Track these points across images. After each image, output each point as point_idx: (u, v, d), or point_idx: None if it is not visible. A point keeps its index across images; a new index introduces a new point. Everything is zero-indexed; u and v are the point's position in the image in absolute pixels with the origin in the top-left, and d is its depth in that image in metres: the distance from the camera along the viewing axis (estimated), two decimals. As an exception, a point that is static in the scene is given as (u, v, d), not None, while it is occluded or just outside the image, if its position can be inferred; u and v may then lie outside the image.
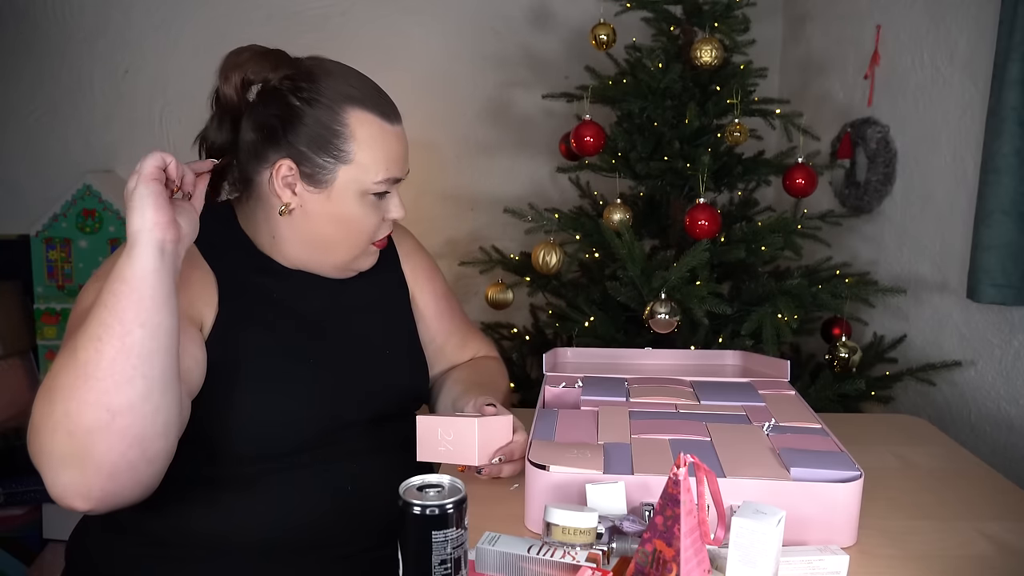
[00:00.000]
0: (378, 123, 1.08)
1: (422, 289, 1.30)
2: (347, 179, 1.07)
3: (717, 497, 0.84)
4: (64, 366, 0.87)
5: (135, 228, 0.89)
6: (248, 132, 1.08)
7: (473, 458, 1.02)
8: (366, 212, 1.10)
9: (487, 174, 2.79)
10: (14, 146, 2.62)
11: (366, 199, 1.09)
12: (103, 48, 2.61)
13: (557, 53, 2.73)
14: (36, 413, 0.88)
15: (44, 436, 0.87)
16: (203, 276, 1.06)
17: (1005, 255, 1.60)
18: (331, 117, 1.06)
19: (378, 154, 1.08)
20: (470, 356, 1.38)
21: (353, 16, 2.68)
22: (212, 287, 1.06)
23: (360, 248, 1.13)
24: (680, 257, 1.79)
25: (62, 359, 0.88)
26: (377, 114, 1.08)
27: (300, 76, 1.06)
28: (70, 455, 0.86)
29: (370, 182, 1.08)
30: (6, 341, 2.40)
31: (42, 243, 2.43)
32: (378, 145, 1.08)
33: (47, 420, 0.86)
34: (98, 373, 0.85)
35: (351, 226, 1.10)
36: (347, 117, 1.06)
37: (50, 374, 0.89)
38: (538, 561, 0.85)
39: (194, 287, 1.03)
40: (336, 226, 1.10)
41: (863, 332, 2.14)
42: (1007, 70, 1.57)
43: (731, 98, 1.92)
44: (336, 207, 1.08)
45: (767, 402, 1.26)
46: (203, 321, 1.03)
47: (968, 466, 1.26)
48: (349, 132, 1.06)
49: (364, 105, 1.07)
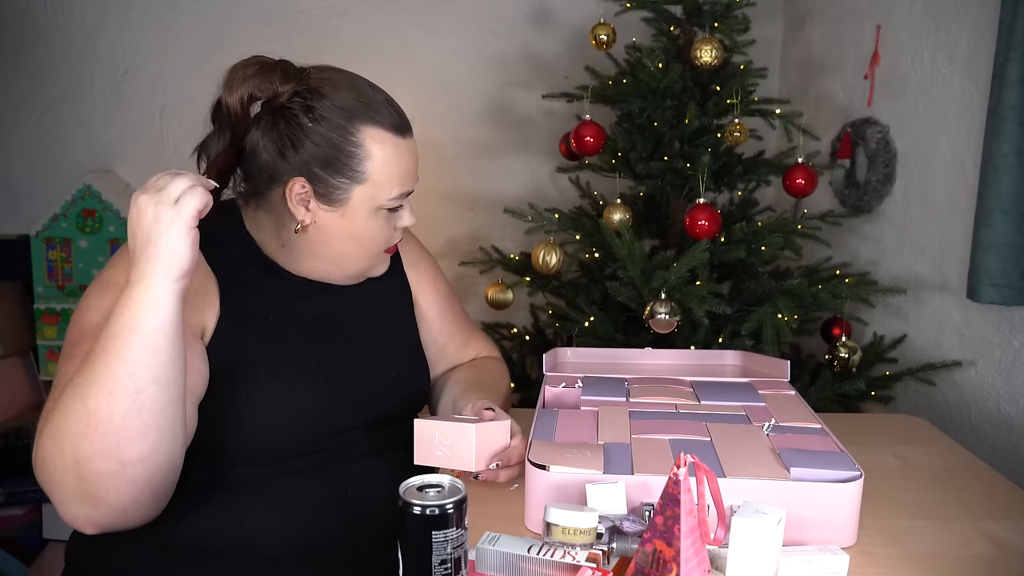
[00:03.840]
0: (392, 139, 1.05)
1: (425, 291, 1.30)
2: (362, 198, 1.06)
3: (717, 497, 0.84)
4: (73, 409, 0.85)
5: (160, 273, 0.84)
6: (259, 150, 1.05)
7: (470, 464, 1.02)
8: (380, 225, 1.09)
9: (487, 174, 2.79)
10: (14, 146, 2.63)
11: (380, 213, 1.08)
12: (103, 48, 2.61)
13: (557, 53, 2.73)
14: (45, 449, 0.87)
15: (54, 474, 0.87)
16: (204, 281, 1.04)
17: (1005, 255, 1.60)
18: (344, 137, 1.03)
19: (393, 171, 1.06)
20: (472, 356, 1.38)
21: (353, 16, 2.68)
22: (213, 291, 1.05)
23: (374, 259, 1.13)
24: (680, 257, 1.79)
25: (71, 400, 0.85)
26: (390, 129, 1.05)
27: (308, 92, 1.03)
28: (81, 494, 0.87)
29: (384, 199, 1.07)
30: (6, 341, 2.41)
31: (42, 243, 2.43)
32: (392, 162, 1.06)
33: (56, 460, 0.86)
34: (109, 427, 0.84)
35: (366, 241, 1.10)
36: (360, 136, 1.03)
37: (58, 412, 0.86)
38: (538, 561, 0.85)
39: (196, 295, 1.02)
40: (351, 242, 1.09)
41: (863, 332, 2.14)
42: (1007, 70, 1.57)
43: (731, 98, 1.92)
44: (350, 224, 1.07)
45: (767, 402, 1.26)
46: (205, 326, 1.03)
47: (968, 466, 1.26)
48: (364, 152, 1.03)
49: (375, 121, 1.04)
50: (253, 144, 1.05)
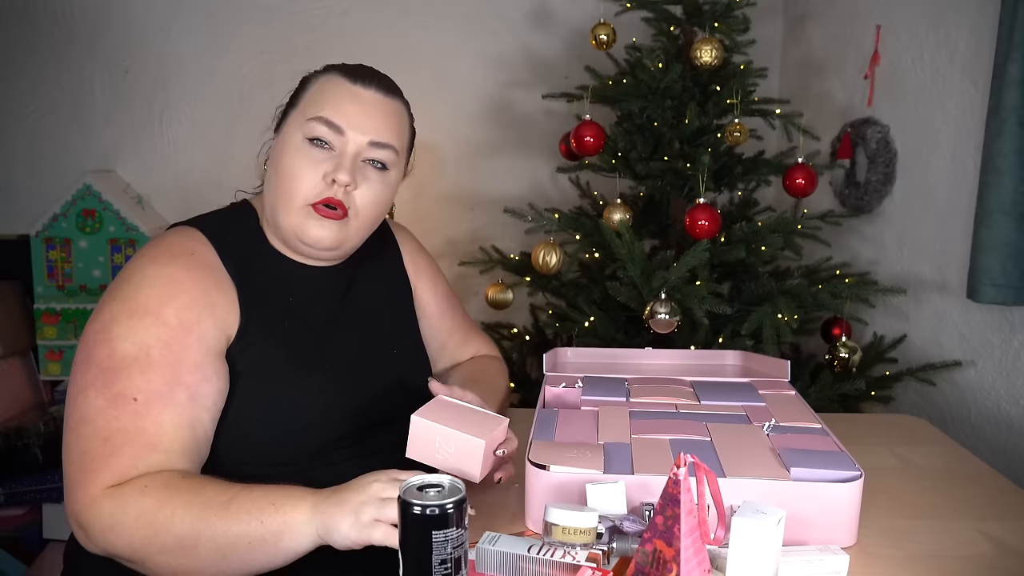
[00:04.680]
0: (339, 79, 1.08)
1: (425, 288, 1.30)
2: (292, 122, 1.08)
3: (717, 497, 0.84)
4: (187, 534, 0.89)
5: (319, 535, 0.89)
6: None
7: (476, 475, 1.00)
8: (300, 162, 1.04)
9: (487, 174, 2.79)
10: (14, 146, 2.63)
11: (304, 146, 1.05)
12: (103, 48, 2.61)
13: (557, 53, 2.73)
14: (136, 509, 0.90)
15: (124, 527, 0.90)
16: (226, 295, 1.04)
17: (1005, 255, 1.60)
18: (309, 79, 1.11)
19: (323, 97, 1.06)
20: (471, 354, 1.38)
21: (353, 16, 2.68)
22: (233, 300, 1.04)
23: (295, 205, 1.05)
24: (680, 257, 1.79)
25: (191, 521, 0.89)
26: (343, 74, 1.09)
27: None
28: (124, 554, 0.92)
29: (304, 119, 1.05)
30: (6, 341, 2.40)
31: (42, 243, 2.43)
32: (327, 92, 1.07)
33: (140, 531, 0.90)
34: (197, 563, 0.90)
35: (282, 171, 1.05)
36: (319, 78, 1.10)
37: (178, 516, 0.89)
38: (538, 561, 0.85)
39: (218, 309, 1.02)
40: (274, 175, 1.07)
41: (863, 332, 2.14)
42: (1007, 70, 1.57)
43: (731, 98, 1.92)
44: (278, 149, 1.08)
45: (767, 402, 1.26)
46: (229, 336, 1.03)
47: (968, 466, 1.26)
48: (311, 86, 1.09)
49: (339, 70, 1.09)
50: None
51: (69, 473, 0.95)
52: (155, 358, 0.95)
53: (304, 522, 0.89)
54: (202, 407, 0.97)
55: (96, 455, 0.93)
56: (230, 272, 1.05)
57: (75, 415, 0.95)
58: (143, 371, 0.94)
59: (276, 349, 1.05)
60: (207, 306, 1.00)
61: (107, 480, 0.92)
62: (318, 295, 1.13)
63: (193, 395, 0.96)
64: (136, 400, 0.93)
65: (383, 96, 1.09)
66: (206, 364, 0.98)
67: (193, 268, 1.02)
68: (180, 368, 0.96)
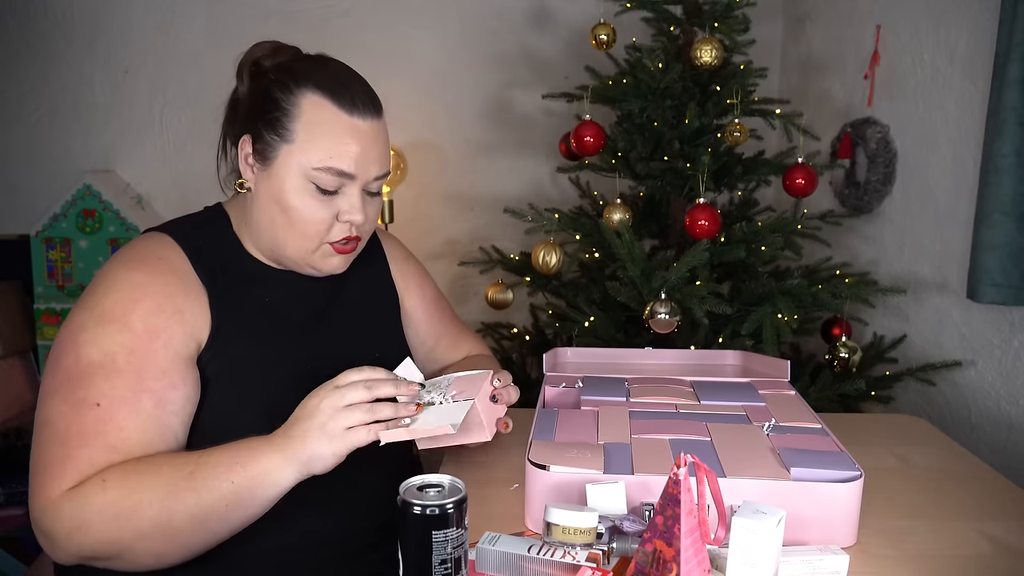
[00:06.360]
0: (332, 109, 1.02)
1: (412, 294, 1.30)
2: (288, 159, 1.03)
3: (717, 497, 0.84)
4: (155, 510, 0.88)
5: (296, 466, 0.90)
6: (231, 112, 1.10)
7: (485, 434, 1.00)
8: (309, 204, 1.04)
9: (487, 174, 2.79)
10: (14, 146, 2.63)
11: (309, 188, 1.04)
12: (103, 48, 2.62)
13: (557, 53, 2.73)
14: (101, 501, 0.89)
15: (91, 524, 0.89)
16: (196, 300, 1.02)
17: (1005, 255, 1.60)
18: (286, 96, 1.03)
19: (324, 140, 1.02)
20: (463, 356, 1.38)
21: (353, 16, 2.68)
22: (204, 306, 1.03)
23: (309, 245, 1.06)
24: (680, 257, 1.79)
25: (154, 499, 0.89)
26: (333, 100, 1.03)
27: (289, 61, 1.07)
28: (96, 553, 0.91)
29: (309, 167, 1.03)
30: (6, 341, 2.41)
31: (42, 243, 2.43)
32: (324, 130, 1.02)
33: (105, 525, 0.89)
34: (179, 538, 0.90)
35: (292, 215, 1.04)
36: (300, 98, 1.03)
37: (136, 494, 0.89)
38: (538, 561, 0.85)
39: (186, 315, 1.00)
40: (278, 212, 1.05)
41: (863, 332, 2.14)
42: (1007, 70, 1.57)
43: (731, 98, 1.92)
44: (276, 187, 1.04)
45: (767, 402, 1.26)
46: (200, 342, 1.02)
47: (968, 466, 1.26)
48: (298, 112, 1.02)
49: (322, 90, 1.03)
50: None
51: (30, 479, 0.95)
52: (120, 364, 0.94)
53: (278, 468, 0.90)
54: (170, 412, 0.96)
55: (53, 458, 0.93)
56: (201, 277, 1.04)
57: (39, 420, 0.95)
58: (107, 377, 0.94)
59: (252, 350, 1.04)
60: (174, 312, 0.99)
61: (65, 483, 0.91)
62: (300, 297, 1.12)
63: (159, 401, 0.95)
64: (99, 406, 0.93)
65: (375, 120, 1.06)
66: (173, 370, 0.97)
67: (161, 273, 1.01)
68: (145, 374, 0.95)
